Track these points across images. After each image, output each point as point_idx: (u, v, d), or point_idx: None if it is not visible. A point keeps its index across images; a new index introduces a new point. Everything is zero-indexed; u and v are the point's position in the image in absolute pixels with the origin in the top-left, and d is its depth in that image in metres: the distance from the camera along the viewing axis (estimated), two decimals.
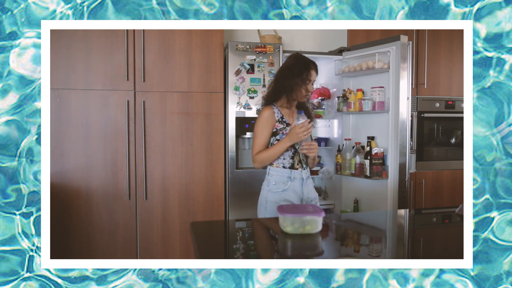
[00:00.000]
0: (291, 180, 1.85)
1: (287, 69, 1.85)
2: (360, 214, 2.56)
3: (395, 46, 2.63)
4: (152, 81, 2.53)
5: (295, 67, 1.84)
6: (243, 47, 2.69)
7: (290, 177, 1.85)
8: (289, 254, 1.31)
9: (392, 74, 2.67)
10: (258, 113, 1.91)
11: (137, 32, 2.48)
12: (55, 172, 2.40)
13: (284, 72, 1.86)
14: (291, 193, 1.86)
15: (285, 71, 1.86)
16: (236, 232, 1.56)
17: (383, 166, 2.69)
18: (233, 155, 2.70)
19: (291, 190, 1.86)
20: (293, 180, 1.86)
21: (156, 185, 2.57)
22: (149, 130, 2.54)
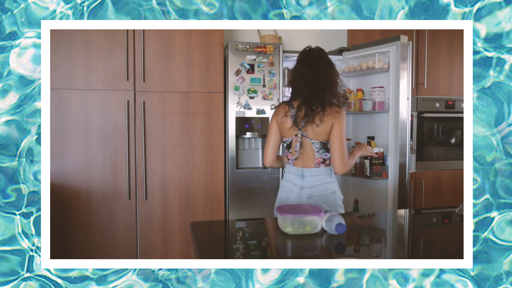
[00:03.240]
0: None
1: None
2: (361, 214, 2.56)
3: (395, 46, 2.63)
4: (152, 81, 2.53)
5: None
6: (243, 47, 2.69)
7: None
8: (289, 254, 1.31)
9: (392, 74, 2.67)
10: (337, 115, 1.79)
11: (137, 32, 2.48)
12: (55, 172, 2.40)
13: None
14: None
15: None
16: (236, 232, 1.56)
17: (383, 166, 2.69)
18: (233, 155, 2.70)
19: None
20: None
21: (156, 185, 2.57)
22: (149, 130, 2.54)
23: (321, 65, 1.80)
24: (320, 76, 1.77)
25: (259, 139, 2.87)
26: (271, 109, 2.72)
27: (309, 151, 1.80)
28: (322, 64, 1.81)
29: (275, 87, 2.73)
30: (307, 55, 1.85)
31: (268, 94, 2.72)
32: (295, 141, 1.80)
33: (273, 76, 2.73)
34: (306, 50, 1.87)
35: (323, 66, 1.80)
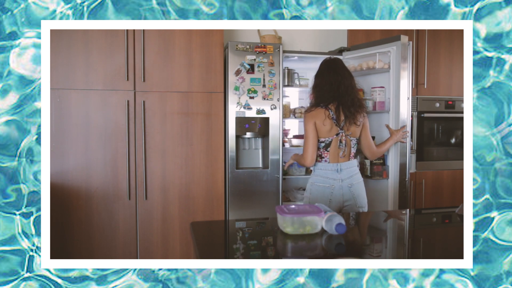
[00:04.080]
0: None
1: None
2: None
3: (395, 46, 2.62)
4: (152, 81, 2.53)
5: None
6: (243, 47, 2.69)
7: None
8: (289, 254, 1.31)
9: (392, 74, 2.67)
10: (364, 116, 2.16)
11: (137, 32, 2.48)
12: (55, 172, 2.40)
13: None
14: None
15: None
16: (236, 232, 1.56)
17: (383, 166, 2.69)
18: (233, 155, 2.70)
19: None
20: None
21: (156, 185, 2.57)
22: (149, 130, 2.54)
23: (347, 72, 2.09)
24: (350, 82, 2.06)
25: (259, 139, 2.87)
26: (271, 109, 2.72)
27: (349, 148, 2.09)
28: (347, 72, 2.10)
29: (275, 87, 2.73)
30: (333, 63, 2.10)
31: (268, 94, 2.72)
32: (336, 140, 2.06)
33: (273, 76, 2.73)
34: (331, 59, 2.13)
35: (348, 73, 2.09)
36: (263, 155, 2.87)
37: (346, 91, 2.04)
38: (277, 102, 2.73)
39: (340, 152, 2.06)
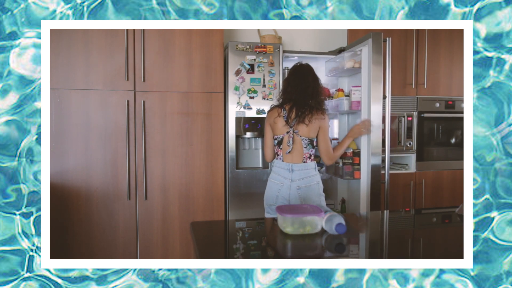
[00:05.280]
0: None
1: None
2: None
3: (367, 44, 2.54)
4: (152, 81, 2.53)
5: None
6: (243, 47, 2.69)
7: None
8: (289, 254, 1.31)
9: (364, 73, 2.59)
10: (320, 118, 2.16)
11: (137, 32, 2.48)
12: (55, 172, 2.40)
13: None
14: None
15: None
16: (236, 232, 1.56)
17: (354, 167, 2.65)
18: (233, 155, 2.70)
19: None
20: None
21: (156, 185, 2.57)
22: (149, 130, 2.54)
23: (310, 77, 2.16)
24: (309, 86, 2.13)
25: (259, 139, 2.87)
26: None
27: (299, 146, 2.12)
28: (311, 77, 2.17)
29: (275, 87, 2.73)
30: (298, 68, 2.20)
31: (268, 94, 2.72)
32: (287, 137, 2.12)
33: (273, 76, 2.73)
34: (298, 64, 2.23)
35: (311, 78, 2.16)
36: (263, 155, 2.87)
37: (305, 93, 2.12)
38: (277, 102, 2.72)
39: (288, 149, 2.11)
